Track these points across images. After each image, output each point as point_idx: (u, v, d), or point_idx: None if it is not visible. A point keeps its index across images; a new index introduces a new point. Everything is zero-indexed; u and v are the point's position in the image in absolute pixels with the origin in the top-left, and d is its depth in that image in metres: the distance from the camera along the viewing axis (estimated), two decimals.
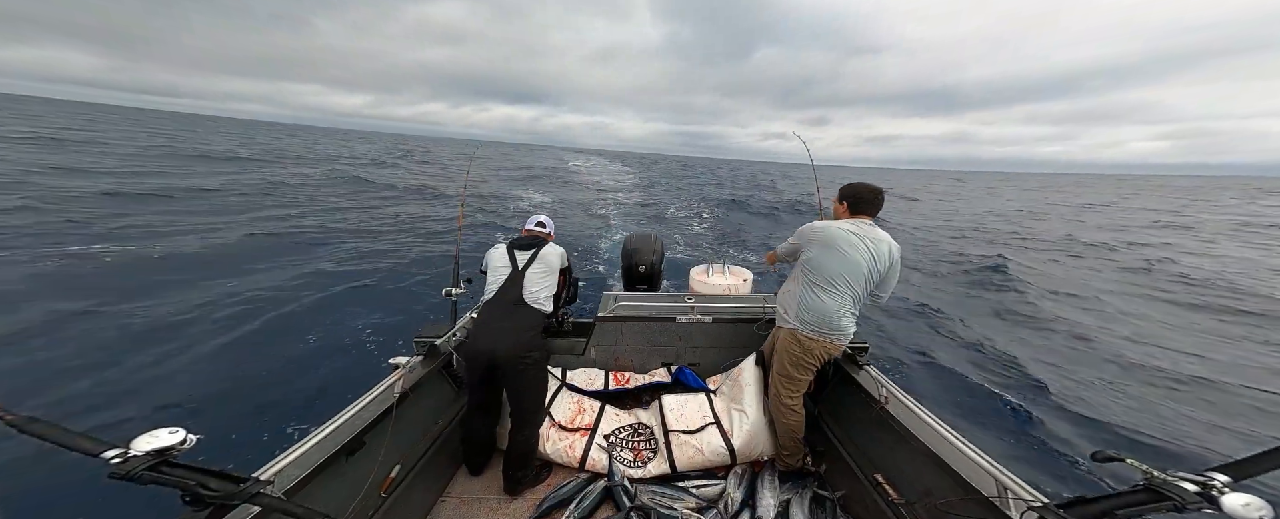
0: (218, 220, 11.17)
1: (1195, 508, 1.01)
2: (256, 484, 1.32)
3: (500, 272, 2.57)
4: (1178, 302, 9.29)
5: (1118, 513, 1.13)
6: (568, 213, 16.55)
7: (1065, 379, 5.55)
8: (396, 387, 2.30)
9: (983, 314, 8.13)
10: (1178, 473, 1.07)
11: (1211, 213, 31.02)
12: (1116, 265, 12.57)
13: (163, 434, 1.16)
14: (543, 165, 46.82)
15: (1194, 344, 6.98)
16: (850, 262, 2.29)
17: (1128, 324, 7.78)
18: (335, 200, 15.77)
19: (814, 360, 2.45)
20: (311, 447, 1.79)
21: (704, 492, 2.49)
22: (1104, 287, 10.25)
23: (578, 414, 2.94)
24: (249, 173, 20.94)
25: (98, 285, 6.54)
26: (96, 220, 9.94)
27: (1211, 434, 4.50)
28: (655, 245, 4.60)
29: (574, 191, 25.61)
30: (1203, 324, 7.99)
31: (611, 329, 3.48)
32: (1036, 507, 1.39)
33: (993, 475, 1.65)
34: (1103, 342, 6.84)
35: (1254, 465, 1.03)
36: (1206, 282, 10.68)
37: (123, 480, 1.07)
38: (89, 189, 12.89)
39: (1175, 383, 5.57)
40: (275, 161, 27.93)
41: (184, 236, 9.43)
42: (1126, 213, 29.38)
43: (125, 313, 5.75)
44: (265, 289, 6.91)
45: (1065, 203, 36.29)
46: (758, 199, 25.22)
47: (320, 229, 11.17)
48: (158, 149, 28.21)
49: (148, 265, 7.60)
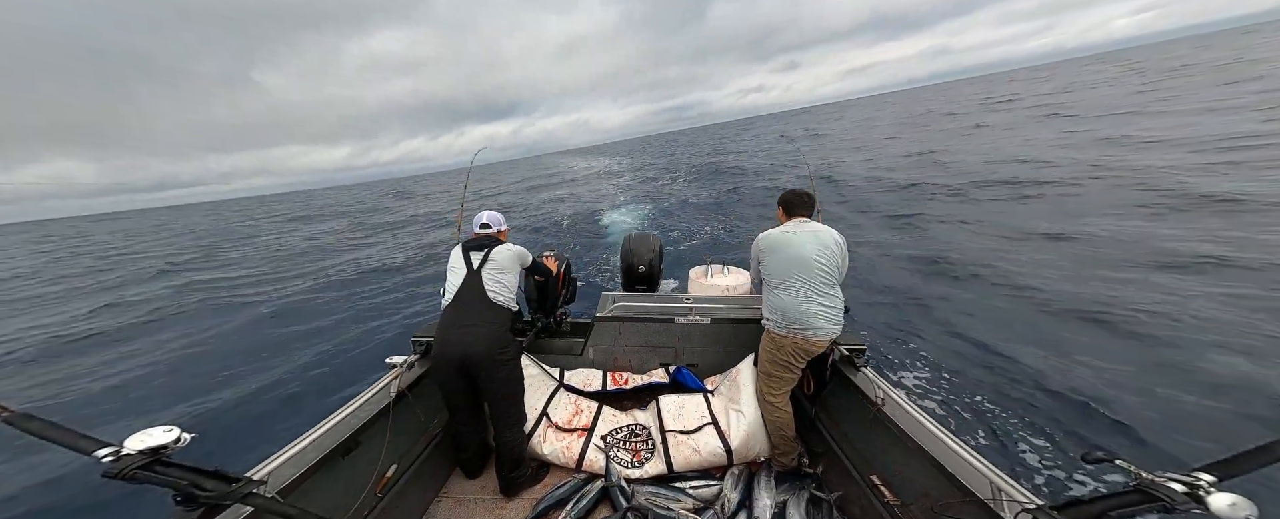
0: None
1: (1184, 508, 1.01)
2: (249, 484, 1.32)
3: (457, 274, 2.54)
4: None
5: (1109, 514, 1.13)
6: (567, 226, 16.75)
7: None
8: (392, 386, 2.30)
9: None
10: (1166, 473, 1.07)
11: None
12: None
13: (156, 433, 1.17)
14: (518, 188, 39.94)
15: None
16: (793, 256, 2.49)
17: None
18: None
19: (787, 357, 2.53)
20: (306, 446, 1.79)
21: (701, 492, 2.49)
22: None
23: (575, 414, 2.94)
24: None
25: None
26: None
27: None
28: (654, 245, 4.60)
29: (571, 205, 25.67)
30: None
31: (609, 329, 3.48)
32: (1030, 508, 1.39)
33: (987, 477, 1.65)
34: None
35: (1240, 464, 1.03)
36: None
37: (116, 479, 1.07)
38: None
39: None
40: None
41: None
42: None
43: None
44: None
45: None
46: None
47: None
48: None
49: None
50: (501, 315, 2.48)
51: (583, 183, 30.23)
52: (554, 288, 3.39)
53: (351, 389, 4.79)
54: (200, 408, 5.38)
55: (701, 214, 14.87)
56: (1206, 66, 38.51)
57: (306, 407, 5.30)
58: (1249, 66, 32.89)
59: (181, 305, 10.78)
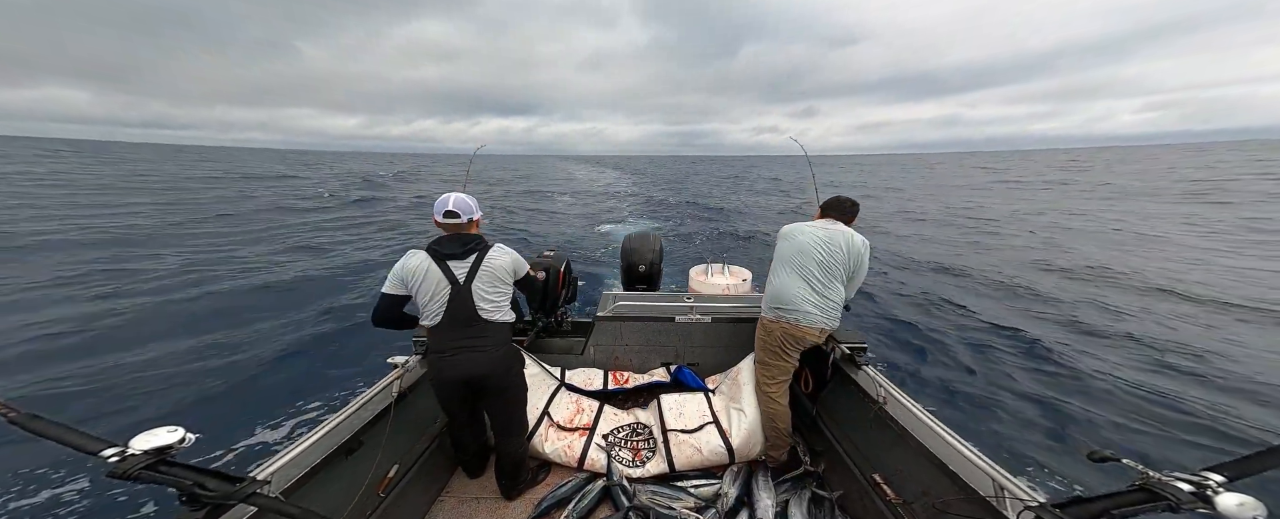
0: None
1: (1190, 508, 1.01)
2: (253, 484, 1.32)
3: (438, 295, 2.07)
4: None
5: (1113, 513, 1.13)
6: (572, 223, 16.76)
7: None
8: (395, 386, 2.30)
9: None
10: (1173, 473, 1.07)
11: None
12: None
13: (161, 433, 1.17)
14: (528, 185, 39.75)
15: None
16: (801, 244, 2.55)
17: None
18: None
19: (777, 344, 2.58)
20: (309, 446, 1.79)
21: (702, 491, 2.49)
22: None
23: (576, 414, 2.94)
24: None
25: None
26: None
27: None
28: (655, 244, 4.60)
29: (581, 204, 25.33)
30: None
31: (610, 329, 3.48)
32: (1033, 506, 1.40)
33: (990, 476, 1.65)
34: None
35: (1249, 465, 1.03)
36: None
37: (120, 479, 1.07)
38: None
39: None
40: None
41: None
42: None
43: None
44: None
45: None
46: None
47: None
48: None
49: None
50: (504, 332, 2.22)
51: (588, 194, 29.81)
52: (554, 288, 3.38)
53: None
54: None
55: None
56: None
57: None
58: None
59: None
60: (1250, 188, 25.62)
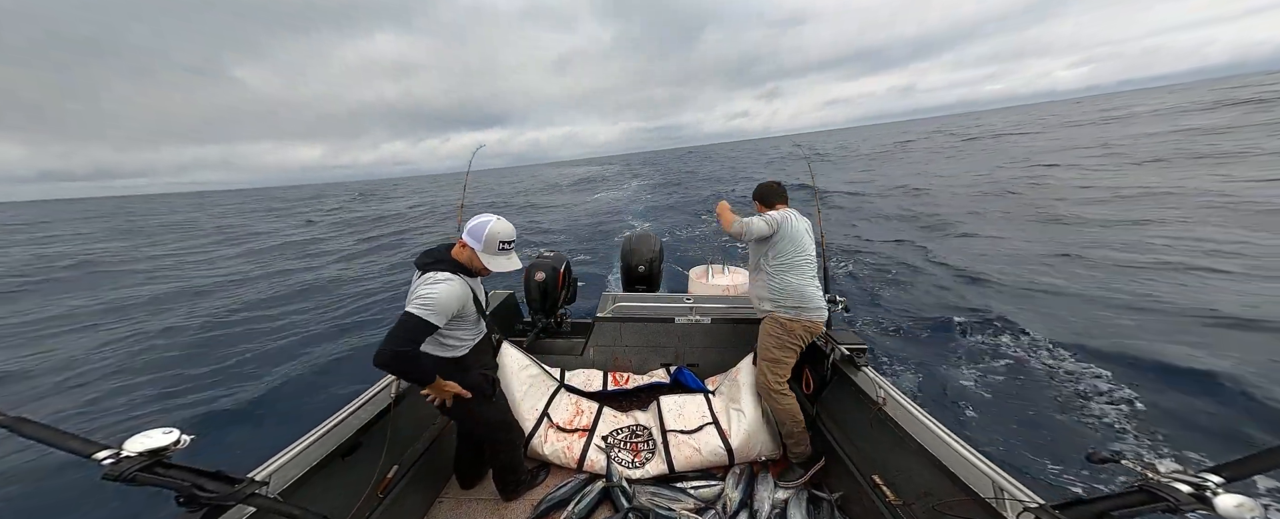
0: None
1: (1189, 509, 1.01)
2: (251, 485, 1.31)
3: (474, 326, 2.05)
4: None
5: (1112, 514, 1.13)
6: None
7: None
8: (393, 388, 2.30)
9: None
10: (1172, 474, 1.07)
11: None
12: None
13: (156, 435, 1.16)
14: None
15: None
16: (800, 243, 2.64)
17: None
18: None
19: (794, 341, 2.60)
20: (308, 447, 1.78)
21: (702, 492, 2.48)
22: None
23: (576, 415, 2.93)
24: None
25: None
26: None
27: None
28: (654, 245, 4.60)
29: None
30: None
31: (610, 330, 3.48)
32: (1032, 507, 1.39)
33: (989, 476, 1.65)
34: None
35: (1248, 466, 1.03)
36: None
37: (116, 482, 1.07)
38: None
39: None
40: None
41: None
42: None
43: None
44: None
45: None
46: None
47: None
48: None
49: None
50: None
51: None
52: (554, 288, 3.38)
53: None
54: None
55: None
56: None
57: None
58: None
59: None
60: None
